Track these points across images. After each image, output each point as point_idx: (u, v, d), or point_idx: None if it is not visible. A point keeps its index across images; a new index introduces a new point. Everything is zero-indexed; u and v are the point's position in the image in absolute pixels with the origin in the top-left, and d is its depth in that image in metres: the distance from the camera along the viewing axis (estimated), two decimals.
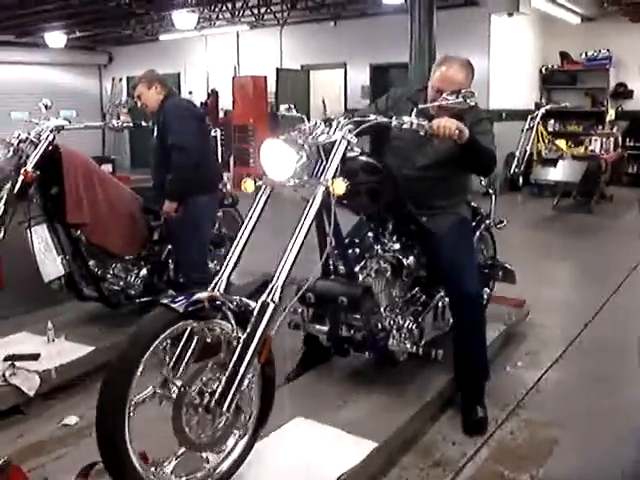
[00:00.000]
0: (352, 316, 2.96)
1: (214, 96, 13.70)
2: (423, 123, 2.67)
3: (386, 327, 3.02)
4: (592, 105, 11.72)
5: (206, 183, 4.16)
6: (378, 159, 3.00)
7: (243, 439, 2.43)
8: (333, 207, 2.45)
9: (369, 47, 11.45)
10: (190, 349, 2.30)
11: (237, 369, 2.18)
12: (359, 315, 2.92)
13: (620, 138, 10.62)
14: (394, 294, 3.14)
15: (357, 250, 3.06)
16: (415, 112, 2.69)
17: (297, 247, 2.36)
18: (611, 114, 11.21)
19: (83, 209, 3.83)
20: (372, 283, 2.97)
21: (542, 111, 10.19)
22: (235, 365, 2.19)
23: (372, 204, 2.97)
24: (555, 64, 11.91)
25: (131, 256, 4.21)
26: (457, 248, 3.16)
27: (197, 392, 2.20)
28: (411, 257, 3.21)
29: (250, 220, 2.53)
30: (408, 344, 3.06)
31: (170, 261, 4.36)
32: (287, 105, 2.93)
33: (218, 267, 4.68)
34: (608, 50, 11.30)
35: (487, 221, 3.84)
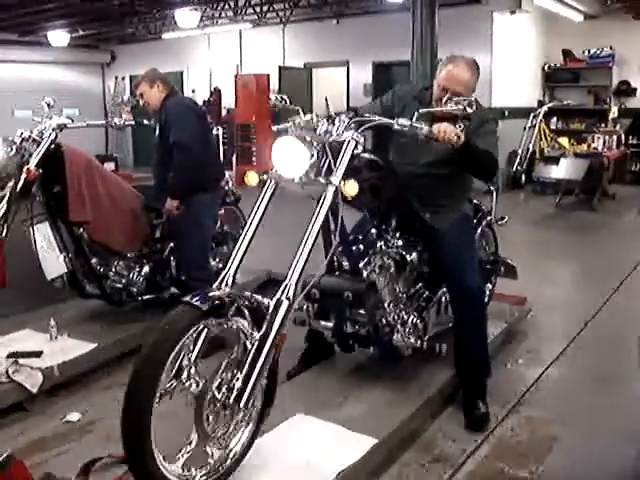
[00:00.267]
0: (357, 311, 2.98)
1: (217, 94, 13.72)
2: (423, 127, 2.69)
3: (390, 322, 3.04)
4: (595, 103, 11.71)
5: (208, 181, 4.17)
6: (380, 155, 3.01)
7: (246, 433, 2.45)
8: (341, 206, 2.48)
9: (372, 45, 11.44)
10: (199, 345, 2.31)
11: (254, 366, 2.22)
12: (364, 310, 2.94)
13: (623, 136, 10.60)
14: (398, 290, 3.15)
15: (361, 246, 3.07)
16: (416, 115, 2.71)
17: (309, 246, 2.39)
18: (614, 112, 11.19)
19: (85, 207, 3.84)
20: (376, 279, 2.99)
21: (544, 109, 10.19)
22: (252, 363, 2.22)
23: (374, 200, 2.99)
24: (558, 62, 11.89)
25: (133, 254, 4.22)
26: (459, 244, 3.18)
27: (217, 388, 2.25)
28: (414, 253, 3.23)
29: (255, 215, 2.53)
30: (412, 339, 3.09)
31: (172, 259, 4.37)
32: (276, 95, 2.92)
33: (220, 264, 4.77)
34: (611, 48, 11.28)
35: (489, 218, 3.86)
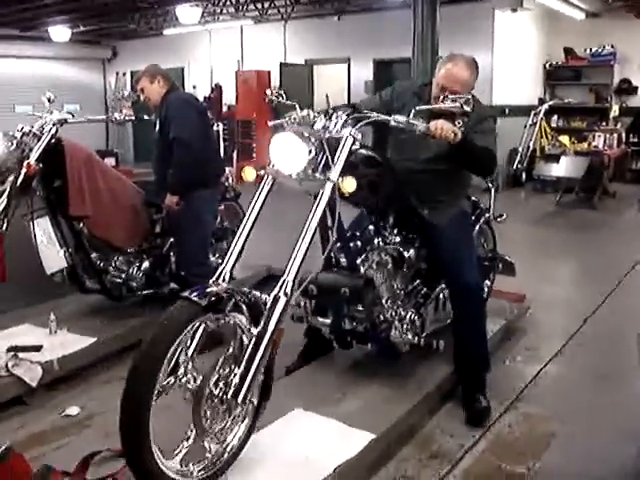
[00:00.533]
0: (354, 308, 2.98)
1: (218, 91, 13.72)
2: (420, 124, 2.69)
3: (388, 319, 3.04)
4: (596, 101, 11.70)
5: (208, 177, 4.17)
6: (379, 152, 3.02)
7: (243, 428, 2.46)
8: (338, 203, 2.49)
9: (373, 42, 11.43)
10: (196, 340, 2.30)
11: (251, 362, 2.22)
12: (361, 307, 2.95)
13: (624, 134, 10.61)
14: (396, 286, 3.15)
15: (358, 243, 3.07)
16: (413, 112, 2.71)
17: (307, 242, 2.39)
18: (615, 110, 11.19)
19: (85, 202, 3.85)
20: (373, 275, 2.99)
21: (545, 107, 10.20)
22: (249, 358, 2.23)
23: (372, 197, 2.99)
24: (559, 60, 11.88)
25: (133, 249, 4.23)
26: (457, 240, 3.19)
27: (215, 384, 2.25)
28: (412, 250, 3.23)
29: (252, 210, 2.53)
30: (410, 335, 3.09)
31: (172, 254, 4.37)
32: (272, 91, 2.91)
33: (220, 260, 4.76)
34: (612, 46, 11.26)
35: (487, 215, 3.86)
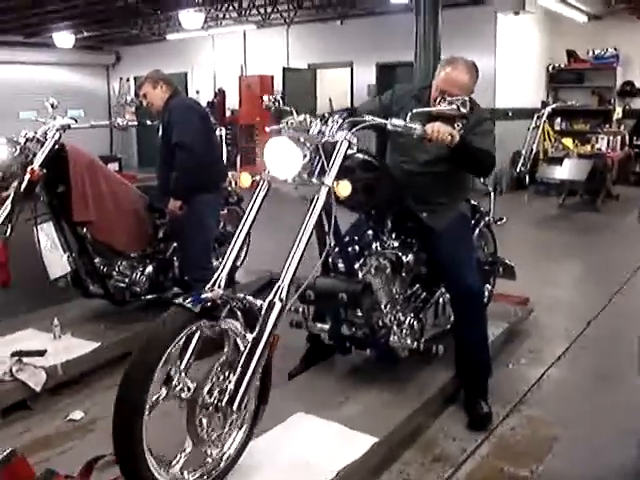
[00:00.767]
0: (352, 313, 2.98)
1: (221, 95, 13.76)
2: (417, 126, 2.68)
3: (387, 324, 3.03)
4: (599, 104, 11.69)
5: (210, 181, 4.18)
6: (376, 155, 3.01)
7: (240, 435, 2.45)
8: (334, 207, 2.47)
9: (375, 46, 11.45)
10: (191, 347, 2.28)
11: (246, 369, 2.20)
12: (359, 312, 2.94)
13: (627, 136, 10.59)
14: (394, 291, 3.14)
15: (356, 248, 3.06)
16: (410, 115, 2.70)
17: (302, 247, 2.37)
18: (618, 112, 11.18)
19: (89, 207, 3.87)
20: (372, 280, 2.98)
21: (548, 109, 10.18)
22: (244, 365, 2.21)
23: (369, 201, 2.98)
24: (562, 62, 11.88)
25: (136, 254, 4.24)
26: (456, 244, 3.17)
27: (209, 392, 2.22)
28: (410, 254, 3.21)
29: (248, 216, 2.53)
30: (409, 340, 3.07)
31: (175, 259, 4.39)
32: (269, 96, 2.92)
33: None
34: (615, 48, 11.26)
35: (487, 218, 3.85)
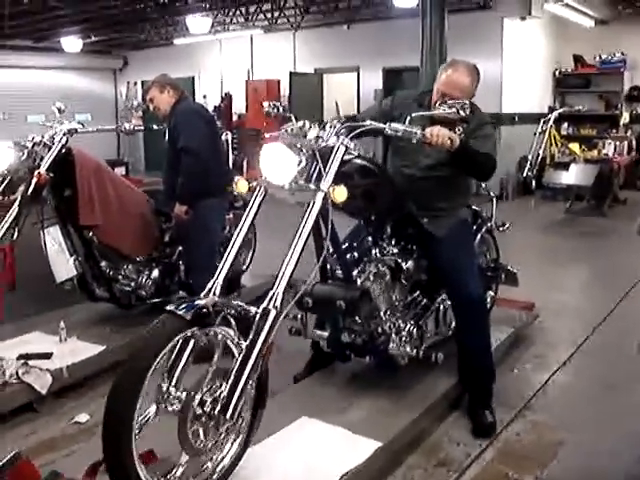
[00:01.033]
0: (352, 320, 2.94)
1: (228, 100, 13.79)
2: (416, 130, 2.64)
3: (386, 331, 2.99)
4: (606, 108, 11.67)
5: (216, 186, 4.19)
6: (375, 161, 2.99)
7: (235, 446, 2.42)
8: (330, 213, 2.43)
9: (382, 51, 11.46)
10: (186, 355, 2.25)
11: (240, 376, 2.15)
12: (358, 319, 2.90)
13: (634, 141, 10.55)
14: (394, 298, 3.10)
15: (355, 254, 3.04)
16: (409, 119, 2.68)
17: (297, 253, 2.34)
18: (625, 117, 11.15)
19: (95, 211, 3.89)
20: (370, 287, 2.94)
21: (555, 114, 10.15)
22: (238, 373, 2.17)
23: (369, 207, 2.95)
24: (569, 67, 11.87)
25: (142, 257, 4.26)
26: (457, 250, 3.14)
27: (200, 402, 2.18)
28: (410, 260, 3.17)
29: (245, 223, 2.50)
30: (408, 348, 3.03)
31: (181, 262, 4.40)
32: (269, 102, 2.92)
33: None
34: (623, 53, 11.24)
35: (489, 224, 3.81)
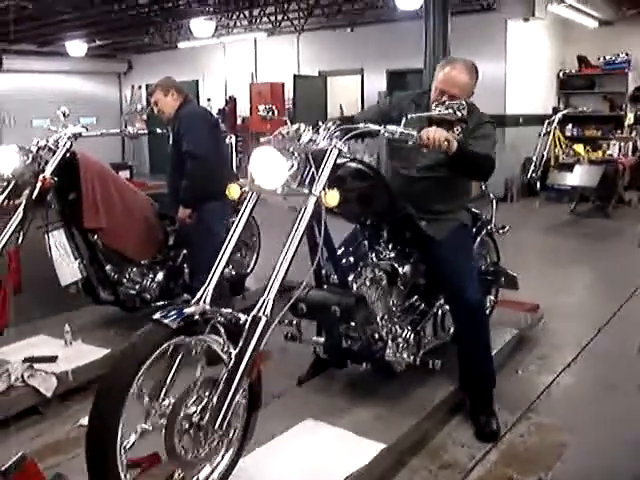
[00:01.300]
0: (347, 327, 2.88)
1: (232, 103, 13.82)
2: (412, 132, 2.60)
3: (383, 337, 2.94)
4: (610, 109, 11.63)
5: (219, 189, 4.16)
6: (369, 164, 2.93)
7: (226, 458, 2.36)
8: (324, 217, 2.38)
9: (386, 53, 11.48)
10: (175, 365, 2.21)
11: (229, 385, 2.10)
12: (354, 325, 2.84)
13: (639, 142, 10.53)
14: (391, 303, 3.04)
15: (351, 259, 2.97)
16: (404, 121, 2.63)
17: (288, 260, 2.28)
18: (630, 118, 11.09)
19: (100, 214, 3.91)
20: (366, 292, 2.88)
21: (559, 116, 10.15)
22: (227, 381, 2.12)
23: (364, 211, 2.91)
24: (573, 68, 11.85)
25: (147, 260, 4.28)
26: (456, 254, 3.08)
27: (188, 412, 2.12)
28: (407, 265, 3.12)
29: (236, 228, 2.47)
30: (405, 354, 3.00)
31: (185, 265, 4.42)
32: (265, 106, 2.91)
33: (233, 271, 4.80)
34: (627, 54, 11.22)
35: (488, 226, 3.76)
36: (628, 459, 2.89)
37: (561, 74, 11.94)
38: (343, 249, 3.03)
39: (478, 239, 3.65)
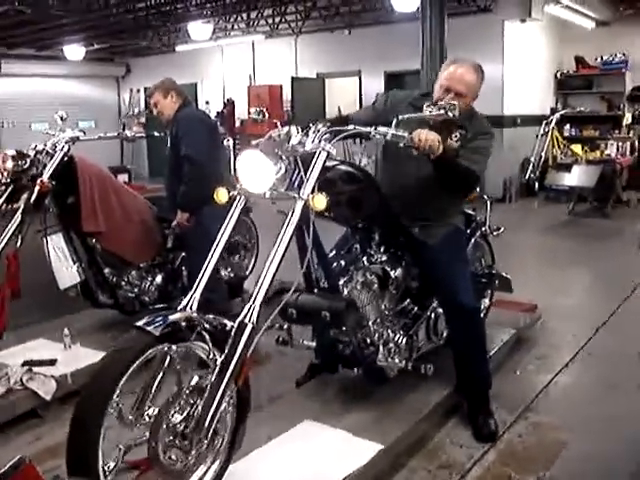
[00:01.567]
0: (338, 331, 2.82)
1: (230, 106, 13.82)
2: (403, 134, 2.54)
3: (374, 342, 2.90)
4: (608, 109, 11.64)
5: None
6: (360, 167, 2.91)
7: (216, 463, 2.32)
8: (312, 222, 2.35)
9: (383, 55, 11.48)
10: (160, 373, 2.16)
11: (215, 393, 2.08)
12: (345, 330, 2.77)
13: (637, 142, 10.54)
14: (382, 307, 2.99)
15: (342, 263, 2.91)
16: (395, 122, 2.57)
17: (275, 265, 2.25)
18: (628, 118, 11.12)
19: (98, 218, 3.92)
20: (357, 296, 2.83)
21: (557, 116, 10.17)
22: (212, 389, 2.09)
23: (354, 214, 2.86)
24: (570, 69, 11.86)
25: (145, 263, 4.29)
26: (449, 257, 3.03)
27: (171, 421, 2.09)
28: (399, 268, 3.07)
29: (224, 232, 2.42)
30: (397, 359, 2.96)
31: (184, 268, 4.42)
32: (256, 109, 2.89)
33: (232, 274, 4.81)
34: (624, 54, 11.23)
35: (483, 228, 3.70)
36: (626, 458, 2.90)
37: (559, 74, 11.95)
38: (334, 252, 2.98)
39: (472, 241, 3.59)
